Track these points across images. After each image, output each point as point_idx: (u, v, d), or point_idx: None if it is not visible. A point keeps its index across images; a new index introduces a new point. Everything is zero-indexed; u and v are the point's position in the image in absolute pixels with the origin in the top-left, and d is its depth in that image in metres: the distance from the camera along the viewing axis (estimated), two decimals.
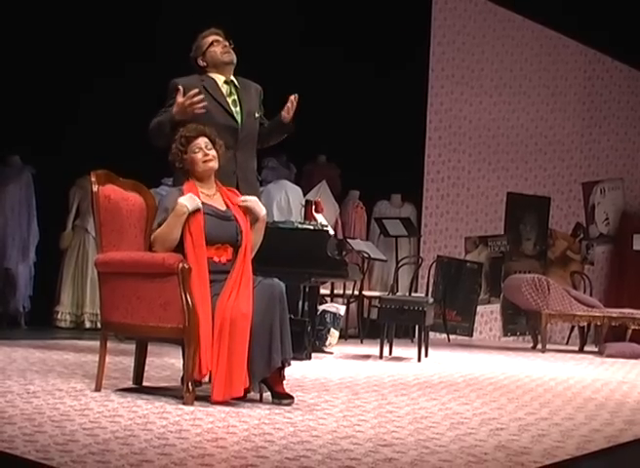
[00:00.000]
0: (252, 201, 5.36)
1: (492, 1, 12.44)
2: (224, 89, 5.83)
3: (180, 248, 5.12)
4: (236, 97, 5.84)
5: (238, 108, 5.80)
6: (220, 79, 5.84)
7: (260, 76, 6.11)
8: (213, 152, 5.26)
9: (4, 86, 9.91)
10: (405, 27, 11.72)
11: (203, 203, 5.18)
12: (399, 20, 11.68)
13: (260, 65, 10.51)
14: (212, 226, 5.14)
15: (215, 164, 5.27)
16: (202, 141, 5.25)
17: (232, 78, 5.87)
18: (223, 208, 5.28)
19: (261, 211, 5.37)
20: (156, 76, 10.35)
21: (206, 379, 5.29)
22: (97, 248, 5.44)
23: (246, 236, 5.24)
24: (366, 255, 10.65)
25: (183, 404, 4.83)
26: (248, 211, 5.33)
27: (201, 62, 5.86)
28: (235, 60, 5.85)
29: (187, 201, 5.09)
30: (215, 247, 5.14)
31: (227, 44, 5.84)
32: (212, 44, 5.81)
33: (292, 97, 5.86)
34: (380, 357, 8.39)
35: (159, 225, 5.14)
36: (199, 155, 5.23)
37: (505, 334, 12.56)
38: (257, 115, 5.91)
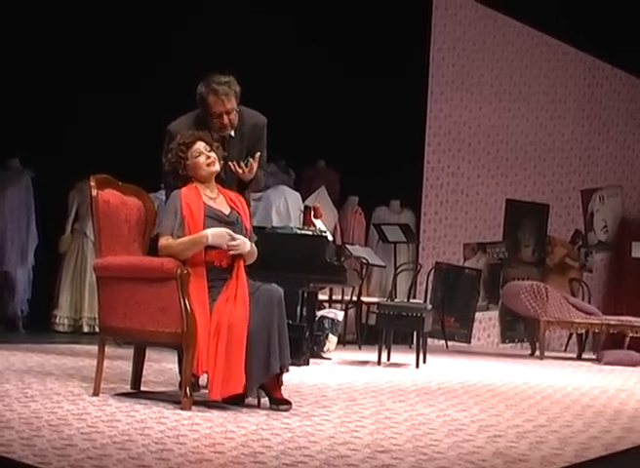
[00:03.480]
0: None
1: (492, 8, 12.45)
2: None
3: None
4: (226, 152, 5.67)
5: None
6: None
7: (258, 82, 6.09)
8: (213, 154, 5.27)
9: (4, 89, 9.91)
10: (405, 33, 11.72)
11: (206, 206, 5.18)
12: (399, 26, 11.68)
13: (258, 71, 10.56)
14: None
15: (217, 166, 5.28)
16: (201, 146, 5.26)
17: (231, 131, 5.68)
18: (227, 211, 5.27)
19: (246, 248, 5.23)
20: (156, 79, 10.45)
21: (203, 382, 5.28)
22: (95, 252, 5.44)
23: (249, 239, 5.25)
24: (364, 261, 10.65)
25: (181, 409, 4.82)
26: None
27: (200, 107, 5.68)
28: (230, 130, 5.62)
29: (214, 234, 5.07)
30: (215, 251, 5.12)
31: (229, 118, 5.57)
32: (214, 115, 5.53)
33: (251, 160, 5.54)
34: (379, 363, 8.38)
35: (172, 233, 5.09)
36: (201, 159, 5.24)
37: (504, 341, 12.56)
38: (242, 164, 5.72)
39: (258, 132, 5.79)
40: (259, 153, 5.58)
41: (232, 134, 5.68)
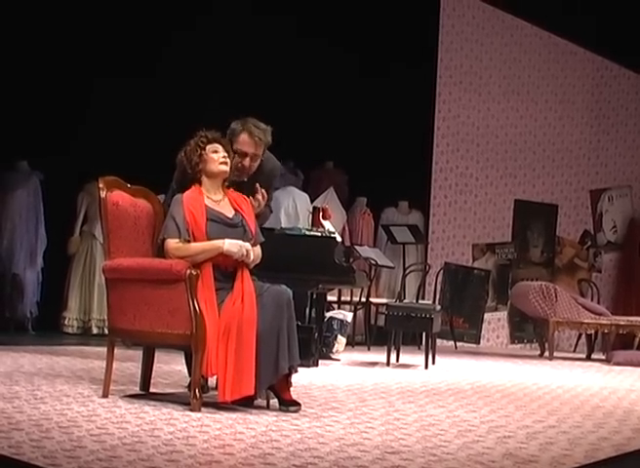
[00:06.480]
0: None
1: (500, 8, 12.44)
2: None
3: None
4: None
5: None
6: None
7: (266, 83, 6.09)
8: (228, 159, 5.30)
9: (12, 92, 9.93)
10: (413, 34, 11.73)
11: (208, 209, 5.19)
12: (407, 27, 11.68)
13: (267, 72, 10.57)
14: (217, 233, 5.15)
15: (228, 169, 5.31)
16: (220, 146, 5.31)
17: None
18: (231, 214, 5.28)
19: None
20: (164, 81, 10.46)
21: (212, 383, 5.29)
22: (104, 254, 5.45)
23: (254, 243, 5.26)
24: (373, 262, 10.64)
25: (191, 410, 4.83)
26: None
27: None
28: (244, 177, 5.67)
29: (230, 244, 5.09)
30: (223, 256, 5.13)
31: (250, 162, 5.68)
32: (238, 152, 5.58)
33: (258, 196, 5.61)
34: (388, 364, 8.38)
35: (180, 236, 5.11)
36: (216, 156, 5.27)
37: (513, 342, 12.54)
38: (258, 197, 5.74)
39: (271, 177, 5.92)
40: (259, 187, 5.59)
41: (245, 179, 5.71)
